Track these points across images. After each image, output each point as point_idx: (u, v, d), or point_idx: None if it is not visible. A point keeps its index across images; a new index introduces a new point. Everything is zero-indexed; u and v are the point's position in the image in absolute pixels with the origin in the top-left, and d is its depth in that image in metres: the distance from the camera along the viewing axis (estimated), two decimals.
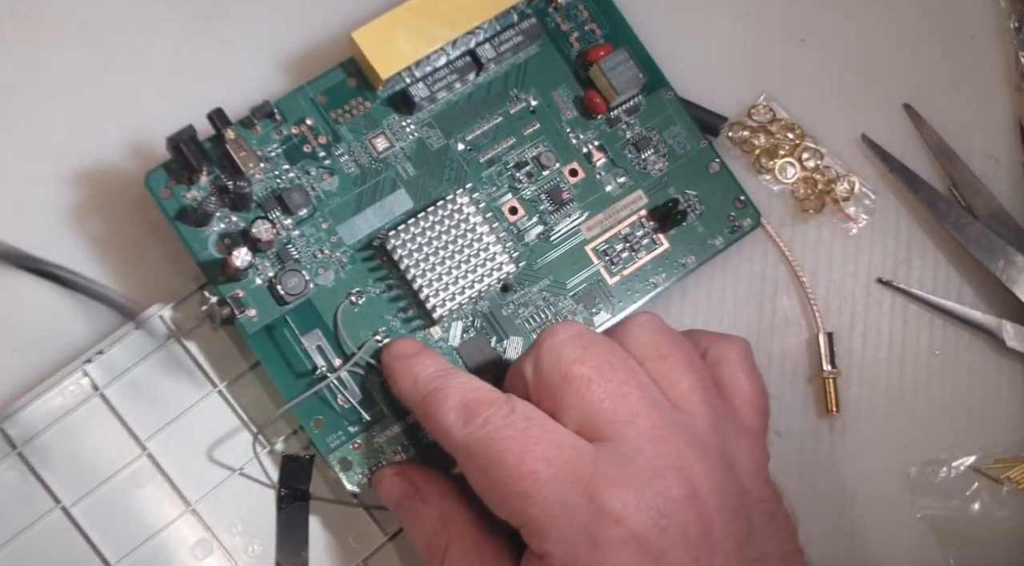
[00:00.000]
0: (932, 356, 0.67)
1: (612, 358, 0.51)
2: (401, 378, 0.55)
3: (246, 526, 0.58)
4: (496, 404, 0.50)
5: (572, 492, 0.47)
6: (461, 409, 0.51)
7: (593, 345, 0.52)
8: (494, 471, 0.48)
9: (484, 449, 0.49)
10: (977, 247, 0.66)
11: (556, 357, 0.51)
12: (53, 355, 0.58)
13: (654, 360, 0.53)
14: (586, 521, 0.47)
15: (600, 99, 0.62)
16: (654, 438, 0.49)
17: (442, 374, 0.53)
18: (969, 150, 0.68)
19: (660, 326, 0.55)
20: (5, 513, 0.56)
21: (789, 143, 0.67)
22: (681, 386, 0.52)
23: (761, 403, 0.56)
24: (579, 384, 0.50)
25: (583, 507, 0.47)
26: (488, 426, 0.49)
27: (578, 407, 0.50)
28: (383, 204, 0.59)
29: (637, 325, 0.54)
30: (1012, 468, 0.66)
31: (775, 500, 0.53)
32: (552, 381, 0.51)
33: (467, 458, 0.50)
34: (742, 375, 0.56)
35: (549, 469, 0.48)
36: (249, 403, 0.59)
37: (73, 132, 0.61)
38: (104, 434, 0.57)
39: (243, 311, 0.57)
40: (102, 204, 0.61)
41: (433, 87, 0.60)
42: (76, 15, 0.63)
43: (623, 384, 0.50)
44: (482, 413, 0.50)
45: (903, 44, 0.69)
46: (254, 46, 0.64)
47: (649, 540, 0.47)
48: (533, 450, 0.48)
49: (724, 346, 0.57)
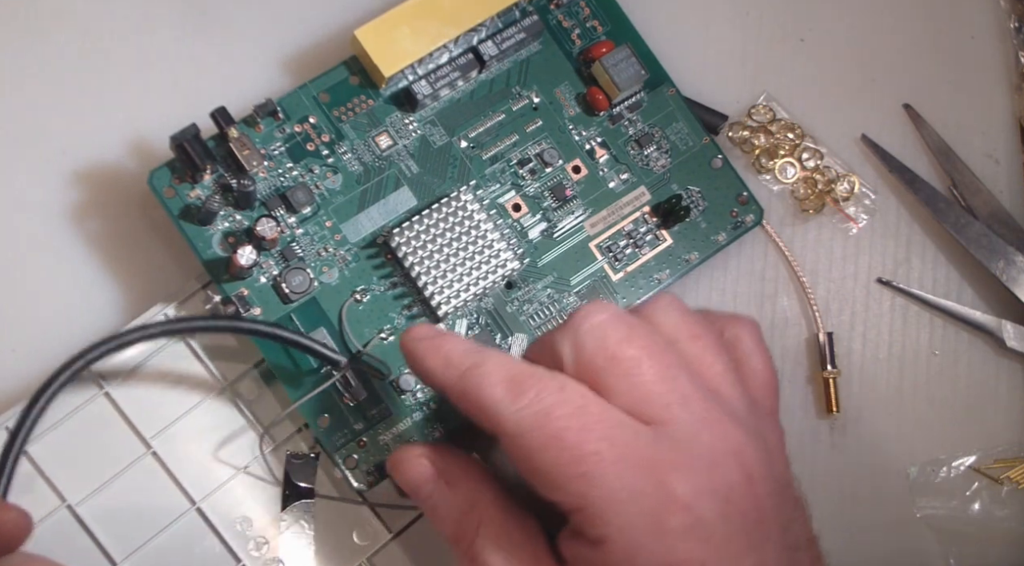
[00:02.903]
0: (932, 356, 0.67)
1: (657, 339, 0.49)
2: (429, 358, 0.51)
3: (251, 524, 0.58)
4: (546, 379, 0.47)
5: (638, 475, 0.45)
6: (509, 383, 0.47)
7: (636, 326, 0.49)
8: (552, 451, 0.45)
9: (540, 427, 0.46)
10: (977, 247, 0.66)
11: (600, 338, 0.48)
12: (56, 355, 0.58)
13: (688, 341, 0.50)
14: (652, 506, 0.45)
15: (602, 96, 0.62)
16: (708, 421, 0.47)
17: (477, 350, 0.50)
18: (969, 150, 0.68)
19: (685, 307, 0.52)
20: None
21: (789, 143, 0.67)
22: (716, 368, 0.50)
23: (775, 384, 0.54)
24: (629, 365, 0.47)
25: (649, 492, 0.45)
26: (541, 402, 0.46)
27: (628, 390, 0.47)
28: (387, 202, 0.59)
29: (664, 305, 0.51)
30: (1012, 468, 0.66)
31: (797, 484, 0.51)
32: (596, 363, 0.48)
33: (518, 437, 0.46)
34: (756, 356, 0.54)
35: (612, 450, 0.45)
36: (254, 401, 0.59)
37: (75, 131, 0.61)
38: (109, 433, 0.57)
39: (248, 310, 0.57)
40: (105, 203, 0.61)
41: (436, 85, 0.60)
42: (78, 13, 0.63)
43: (672, 366, 0.48)
44: (532, 387, 0.47)
45: (903, 44, 0.70)
46: (257, 44, 0.64)
47: (713, 527, 0.45)
48: (595, 428, 0.45)
49: (737, 327, 0.54)
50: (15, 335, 0.59)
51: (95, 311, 0.59)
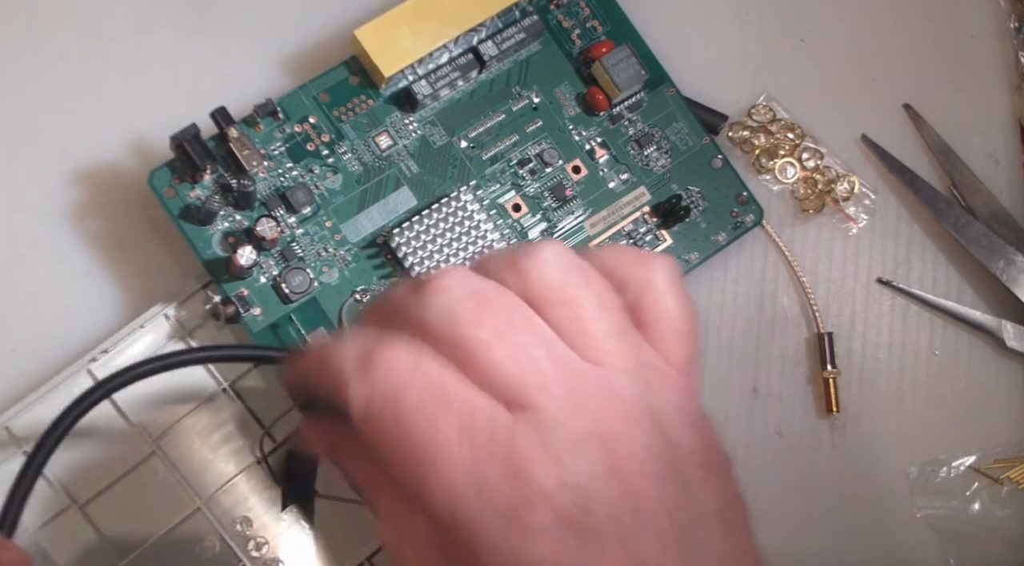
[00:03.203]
0: (932, 356, 0.67)
1: (513, 316, 0.43)
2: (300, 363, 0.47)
3: (251, 524, 0.58)
4: (400, 352, 0.42)
5: (491, 468, 0.40)
6: (359, 356, 0.42)
7: (488, 301, 0.43)
8: (401, 437, 0.41)
9: (388, 409, 0.41)
10: (977, 247, 0.66)
11: (448, 320, 0.42)
12: (57, 355, 0.58)
13: (560, 306, 0.44)
14: (506, 503, 0.40)
15: (602, 96, 0.62)
16: (570, 405, 0.41)
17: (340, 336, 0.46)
18: (969, 150, 0.69)
19: (568, 262, 0.45)
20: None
21: (789, 143, 0.67)
22: (593, 333, 0.44)
23: (687, 329, 0.47)
24: (477, 348, 0.42)
25: (504, 488, 0.40)
26: (392, 377, 0.41)
27: (480, 376, 0.42)
28: (386, 202, 0.59)
29: (540, 262, 0.45)
30: (1012, 468, 0.66)
31: (706, 450, 0.44)
32: (443, 344, 0.42)
33: (365, 417, 0.41)
34: (668, 301, 0.47)
35: (464, 439, 0.40)
36: (255, 400, 0.59)
37: (75, 131, 0.61)
38: (111, 433, 0.57)
39: (248, 309, 0.57)
40: (105, 203, 0.61)
41: (436, 85, 0.60)
42: (78, 13, 0.63)
43: (527, 346, 0.42)
44: (384, 361, 0.41)
45: (903, 44, 0.70)
46: (256, 45, 0.64)
47: (575, 522, 0.40)
48: (447, 413, 0.40)
49: (647, 272, 0.47)
50: (15, 335, 0.59)
51: (95, 311, 0.59)
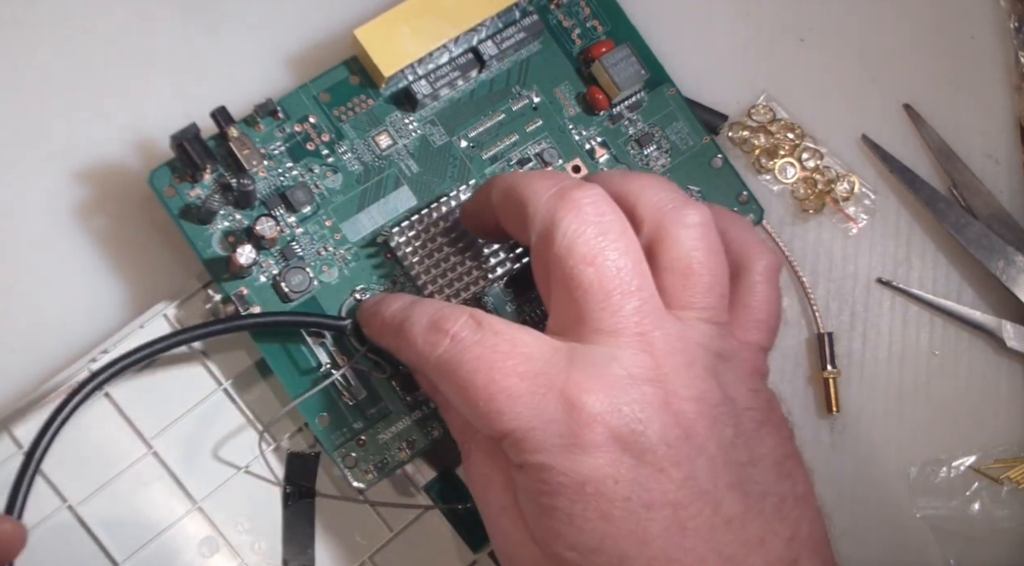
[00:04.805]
0: (932, 356, 0.67)
1: (625, 261, 0.48)
2: (371, 324, 0.55)
3: (252, 523, 0.58)
4: (461, 319, 0.49)
5: (547, 403, 0.46)
6: (429, 327, 0.50)
7: (609, 244, 0.48)
8: (467, 391, 0.47)
9: (455, 370, 0.48)
10: (977, 247, 0.66)
11: (568, 248, 0.48)
12: (57, 355, 0.58)
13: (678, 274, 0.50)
14: (564, 428, 0.46)
15: (602, 95, 0.62)
16: (633, 347, 0.48)
17: (408, 305, 0.52)
18: (969, 150, 0.68)
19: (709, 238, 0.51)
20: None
21: (789, 143, 0.67)
22: (691, 299, 0.50)
23: (771, 325, 0.54)
24: (578, 286, 0.48)
25: (560, 416, 0.46)
26: (456, 344, 0.48)
27: (568, 308, 0.49)
28: (386, 201, 0.59)
29: (684, 226, 0.50)
30: (1012, 468, 0.66)
31: (766, 409, 0.50)
32: (550, 268, 0.49)
33: (440, 380, 0.49)
34: (759, 292, 0.54)
35: (521, 385, 0.47)
36: (254, 400, 0.59)
37: (76, 130, 0.61)
38: (110, 433, 0.57)
39: (247, 309, 0.57)
40: (105, 202, 0.61)
41: (436, 84, 0.60)
42: (78, 13, 0.63)
43: (625, 295, 0.48)
44: (448, 329, 0.49)
45: (903, 44, 0.70)
46: (257, 44, 0.64)
47: (628, 440, 0.46)
48: (503, 366, 0.47)
49: (754, 255, 0.54)
50: (15, 335, 0.59)
51: (95, 310, 0.59)
